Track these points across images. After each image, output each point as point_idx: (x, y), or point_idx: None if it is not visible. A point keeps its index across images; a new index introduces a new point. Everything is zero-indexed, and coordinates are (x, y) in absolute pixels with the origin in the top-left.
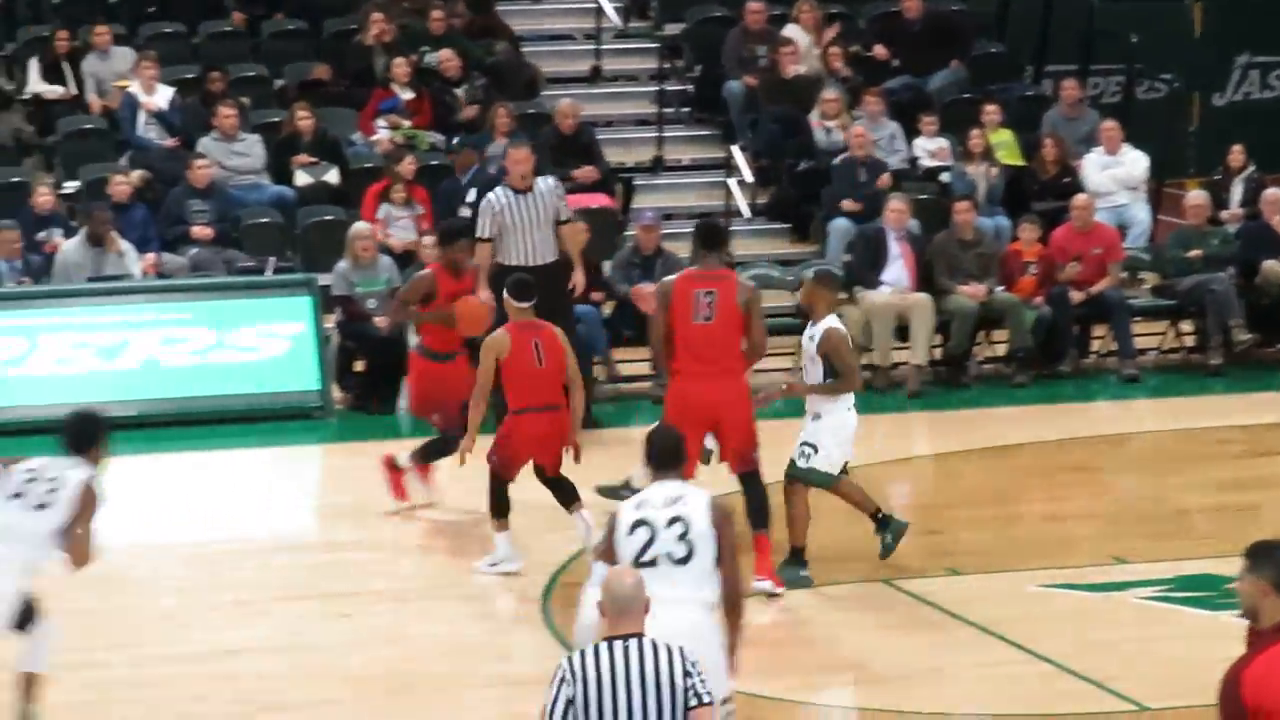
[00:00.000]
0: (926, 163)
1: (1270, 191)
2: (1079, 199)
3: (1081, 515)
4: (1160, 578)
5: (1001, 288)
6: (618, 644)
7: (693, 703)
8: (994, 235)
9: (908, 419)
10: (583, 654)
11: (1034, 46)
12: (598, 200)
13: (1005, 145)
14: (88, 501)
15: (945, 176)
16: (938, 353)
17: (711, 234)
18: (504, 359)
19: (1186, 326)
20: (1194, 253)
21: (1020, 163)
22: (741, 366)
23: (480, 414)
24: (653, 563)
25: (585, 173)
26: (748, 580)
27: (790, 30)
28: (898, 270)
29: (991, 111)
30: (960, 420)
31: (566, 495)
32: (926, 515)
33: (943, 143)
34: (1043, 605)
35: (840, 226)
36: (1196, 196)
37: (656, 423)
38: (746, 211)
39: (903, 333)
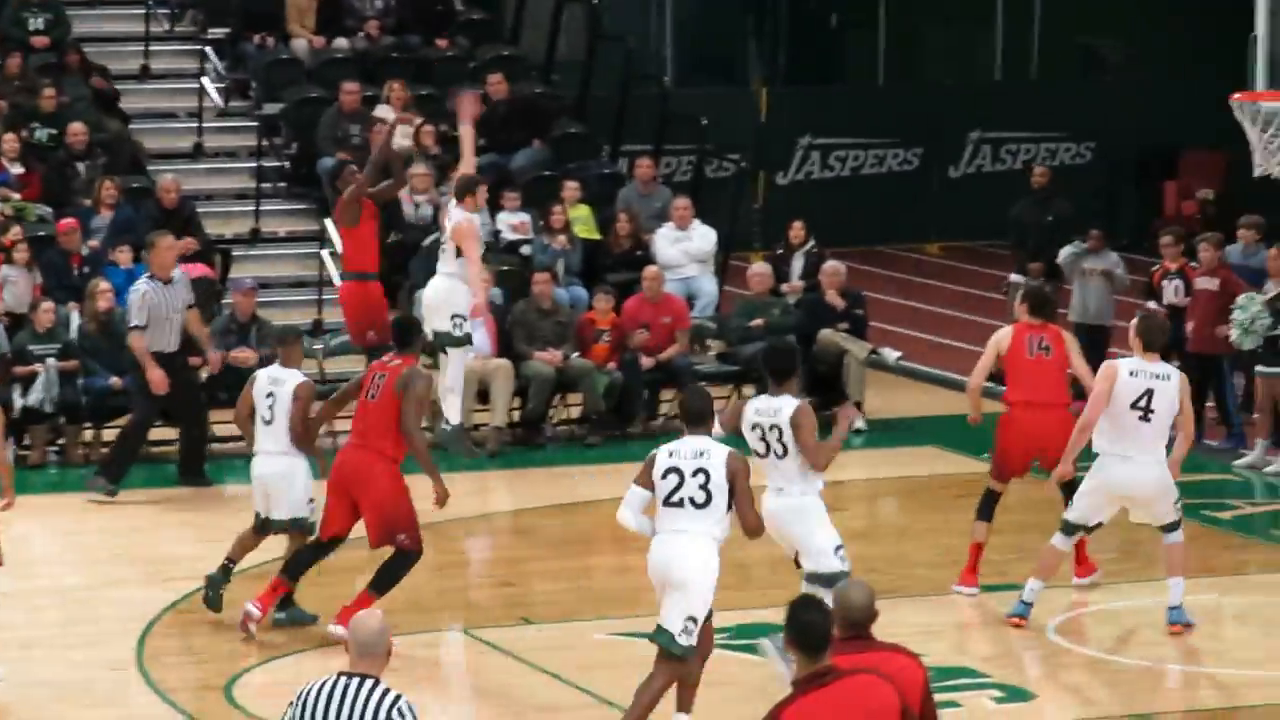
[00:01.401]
0: (509, 236)
1: (828, 265)
2: (649, 271)
3: (646, 568)
4: (720, 626)
5: (577, 354)
6: (344, 679)
7: None
8: (570, 305)
9: (488, 477)
10: (315, 684)
11: (612, 127)
12: (198, 270)
13: (583, 220)
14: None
15: (526, 249)
16: (517, 415)
17: (400, 330)
18: None
19: (749, 391)
20: (757, 322)
21: (596, 236)
22: (388, 448)
23: None
24: (679, 503)
25: (186, 244)
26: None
27: (382, 110)
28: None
29: (571, 188)
30: (537, 478)
31: None
32: (504, 568)
33: (524, 217)
34: (611, 653)
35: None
36: (759, 269)
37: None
38: (339, 280)
39: (484, 396)
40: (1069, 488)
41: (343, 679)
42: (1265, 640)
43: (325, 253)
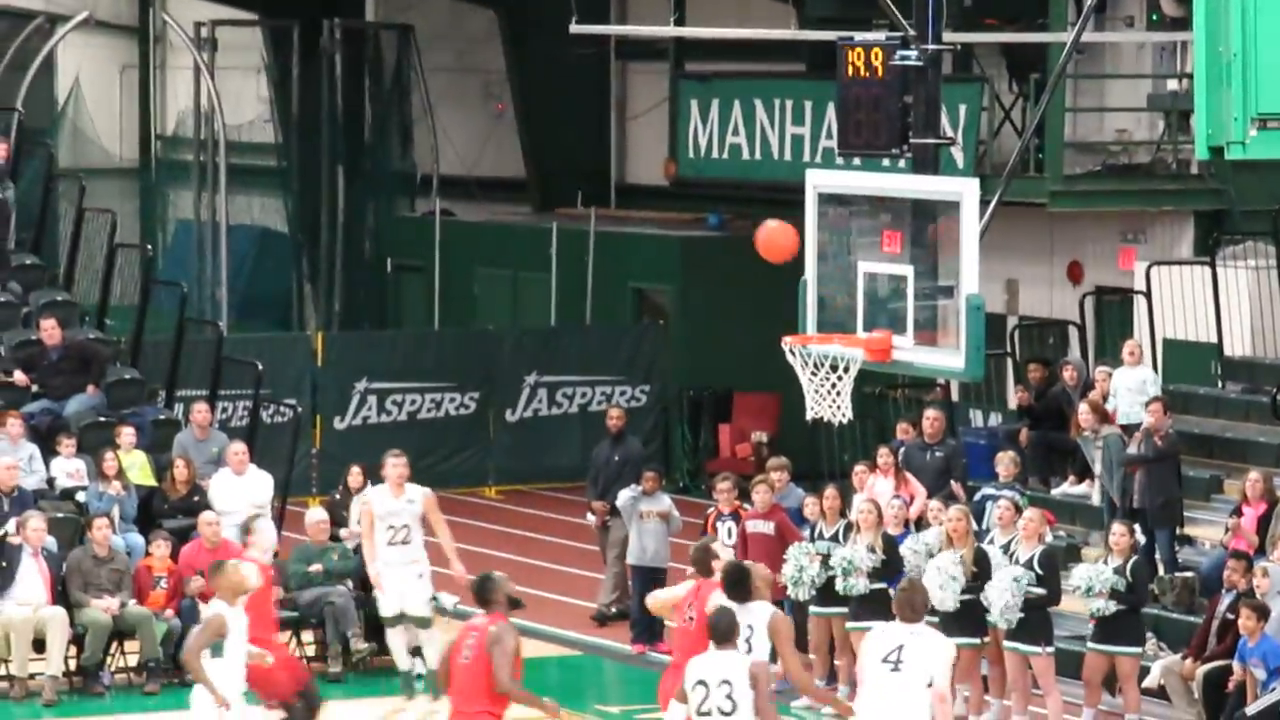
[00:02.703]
0: (64, 483)
1: None
2: (206, 516)
3: None
4: None
5: (134, 601)
6: None
7: None
8: (127, 551)
9: None
10: None
11: (167, 372)
12: None
13: (139, 466)
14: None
15: (81, 496)
16: (73, 663)
17: (479, 587)
18: None
19: (308, 636)
20: (315, 567)
21: (153, 483)
22: (488, 706)
23: None
24: (708, 714)
25: None
26: None
27: None
28: (34, 585)
29: (126, 434)
30: None
31: None
32: None
33: (79, 464)
34: None
35: None
36: (317, 514)
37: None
38: None
39: (40, 645)
40: None
41: None
42: None
43: None
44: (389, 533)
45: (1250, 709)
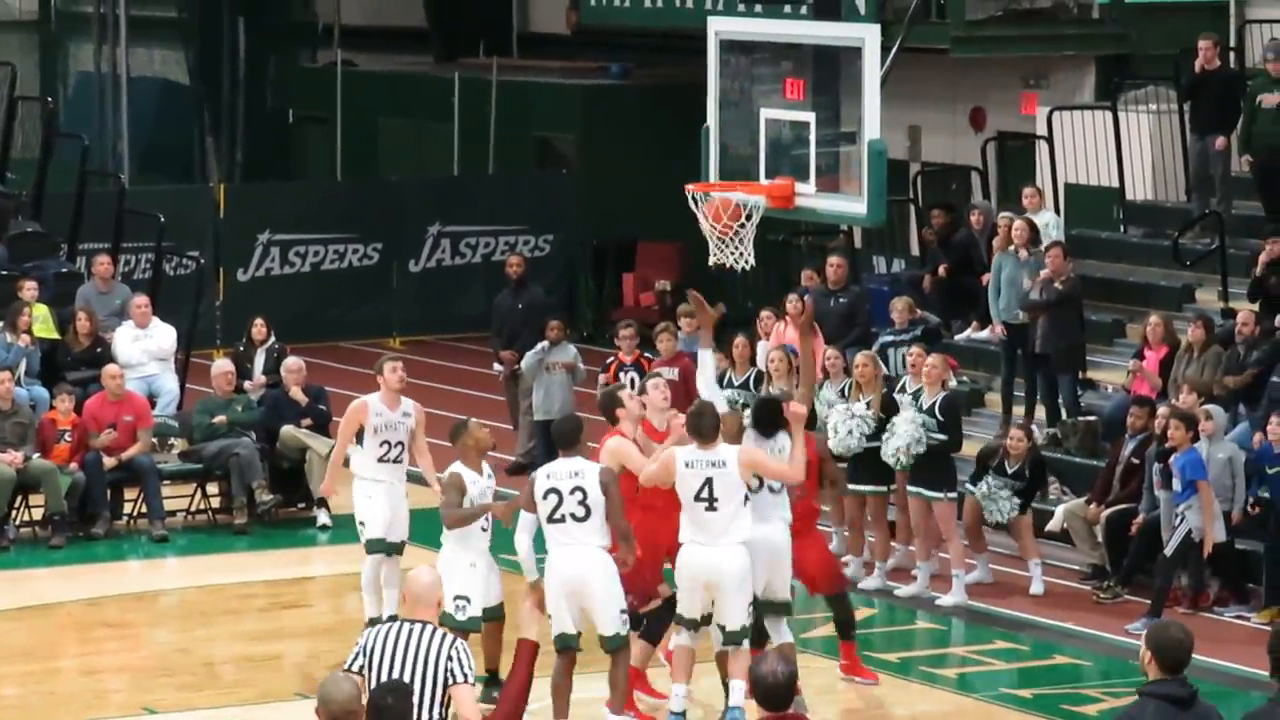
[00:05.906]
0: None
1: (290, 360)
2: (110, 369)
3: (115, 669)
4: None
5: (38, 454)
6: (406, 625)
7: (449, 680)
8: (31, 405)
9: None
10: (379, 630)
11: (69, 225)
12: None
13: (42, 319)
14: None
15: None
16: None
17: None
18: None
19: (213, 488)
20: (219, 419)
21: (56, 336)
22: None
23: None
24: (561, 519)
25: None
26: None
27: None
28: None
29: (29, 287)
30: None
31: None
32: None
33: None
34: None
35: None
36: (221, 366)
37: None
38: None
39: None
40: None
41: (404, 624)
42: None
43: None
44: (383, 448)
45: (1167, 549)
